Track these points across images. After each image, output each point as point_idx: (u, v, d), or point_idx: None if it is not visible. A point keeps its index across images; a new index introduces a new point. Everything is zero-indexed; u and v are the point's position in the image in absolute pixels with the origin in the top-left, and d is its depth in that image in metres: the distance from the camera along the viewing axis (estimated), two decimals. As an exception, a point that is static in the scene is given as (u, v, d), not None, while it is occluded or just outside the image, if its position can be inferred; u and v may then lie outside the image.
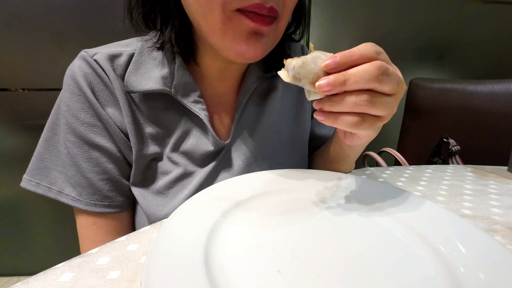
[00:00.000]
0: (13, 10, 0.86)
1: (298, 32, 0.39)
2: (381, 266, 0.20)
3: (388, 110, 0.24)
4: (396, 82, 0.23)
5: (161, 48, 0.33)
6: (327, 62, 0.22)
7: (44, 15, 0.87)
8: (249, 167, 0.37)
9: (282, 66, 0.27)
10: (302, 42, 0.45)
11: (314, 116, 0.25)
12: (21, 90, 0.94)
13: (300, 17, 0.38)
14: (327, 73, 0.23)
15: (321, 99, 0.24)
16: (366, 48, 0.23)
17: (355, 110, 0.23)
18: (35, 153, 0.34)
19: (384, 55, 0.24)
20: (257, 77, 0.38)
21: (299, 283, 0.18)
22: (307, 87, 0.23)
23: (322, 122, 0.24)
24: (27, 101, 0.95)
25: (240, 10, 0.27)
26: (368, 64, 0.22)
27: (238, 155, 0.37)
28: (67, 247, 1.07)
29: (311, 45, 0.25)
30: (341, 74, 0.22)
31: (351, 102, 0.22)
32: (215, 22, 0.28)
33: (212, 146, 0.35)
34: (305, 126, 0.45)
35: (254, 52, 0.29)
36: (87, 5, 0.87)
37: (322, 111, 0.24)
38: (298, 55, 0.43)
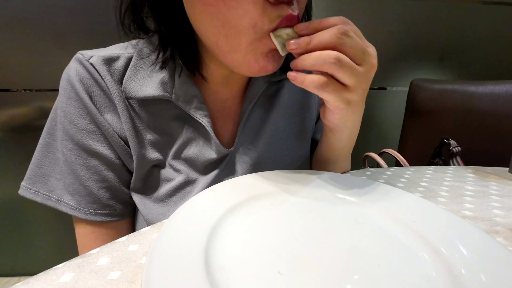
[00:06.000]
0: (14, 11, 0.86)
1: None
2: (381, 267, 0.20)
3: (354, 79, 0.25)
4: (360, 50, 0.25)
5: (163, 67, 0.32)
6: (299, 24, 0.26)
7: (45, 16, 0.87)
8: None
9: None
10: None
11: (287, 76, 0.27)
12: (22, 91, 0.94)
13: (307, 14, 0.37)
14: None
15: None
16: (334, 17, 0.26)
17: (323, 68, 0.25)
18: (33, 160, 0.32)
19: (352, 26, 0.26)
20: (264, 82, 0.37)
21: (300, 284, 0.18)
22: (279, 46, 0.27)
23: (292, 81, 0.26)
24: (29, 101, 0.95)
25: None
26: (331, 28, 0.25)
27: (242, 162, 0.36)
28: (68, 248, 1.07)
29: None
30: (308, 36, 0.25)
31: (317, 56, 0.24)
32: (240, 43, 0.26)
33: (215, 154, 0.34)
34: (310, 129, 0.44)
35: (272, 66, 0.29)
36: (89, 6, 0.88)
37: (294, 72, 0.26)
38: None
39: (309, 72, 0.27)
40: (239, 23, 0.25)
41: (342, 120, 0.30)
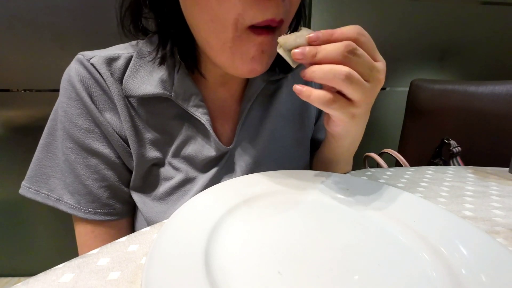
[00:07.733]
0: (14, 11, 0.86)
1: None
2: (382, 267, 0.20)
3: (362, 94, 0.24)
4: (367, 67, 0.24)
5: (162, 62, 0.32)
6: (310, 35, 0.25)
7: (45, 16, 0.87)
8: (252, 172, 0.37)
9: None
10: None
11: (293, 89, 0.26)
12: (22, 91, 0.94)
13: (300, 15, 0.37)
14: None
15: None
16: (349, 28, 0.24)
17: (332, 83, 0.24)
18: (33, 160, 0.33)
19: (366, 38, 0.25)
20: (262, 81, 0.38)
21: (300, 284, 0.18)
22: (288, 58, 0.26)
23: (298, 95, 0.25)
24: (29, 102, 0.95)
25: (250, 27, 0.27)
26: (340, 42, 0.23)
27: (241, 160, 0.37)
28: (68, 248, 1.07)
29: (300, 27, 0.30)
30: (315, 47, 0.24)
31: (328, 70, 0.23)
32: (226, 40, 0.27)
33: (215, 152, 0.35)
34: (309, 129, 0.44)
35: (261, 68, 0.30)
36: (89, 6, 0.88)
37: (301, 86, 0.25)
38: None
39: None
40: (226, 18, 0.26)
41: (345, 130, 0.31)
